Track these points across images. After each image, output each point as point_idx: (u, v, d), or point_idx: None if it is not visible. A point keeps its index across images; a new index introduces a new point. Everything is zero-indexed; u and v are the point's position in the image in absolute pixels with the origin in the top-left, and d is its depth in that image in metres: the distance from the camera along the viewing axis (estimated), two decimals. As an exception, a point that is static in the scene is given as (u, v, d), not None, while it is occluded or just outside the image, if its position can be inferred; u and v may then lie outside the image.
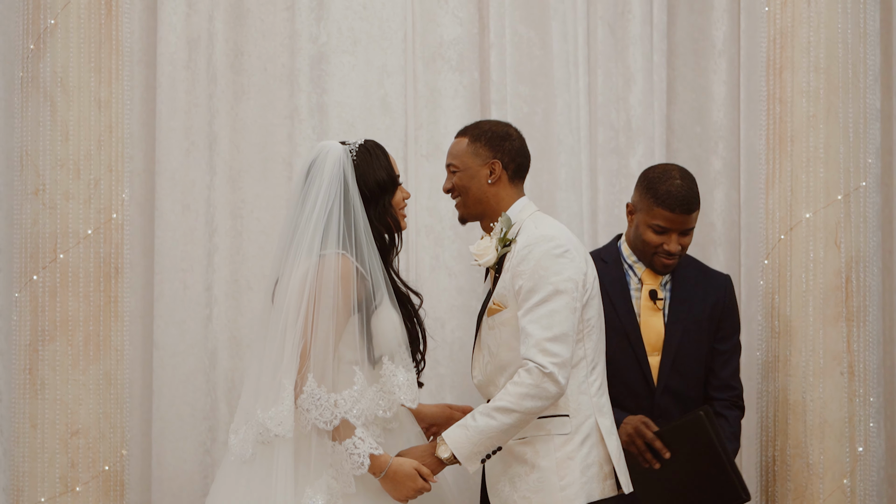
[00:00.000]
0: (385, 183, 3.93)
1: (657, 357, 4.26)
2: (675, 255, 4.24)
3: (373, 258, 3.86)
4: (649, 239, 4.23)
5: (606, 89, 5.26)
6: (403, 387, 3.89)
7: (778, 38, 4.91)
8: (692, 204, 4.21)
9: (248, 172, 5.20)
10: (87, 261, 4.89)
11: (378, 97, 5.22)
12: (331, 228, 3.85)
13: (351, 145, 3.96)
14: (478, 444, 3.77)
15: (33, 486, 4.89)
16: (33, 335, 4.89)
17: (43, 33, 4.88)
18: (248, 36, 5.22)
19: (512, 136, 4.01)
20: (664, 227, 4.21)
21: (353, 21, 5.21)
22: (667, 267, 4.27)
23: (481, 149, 3.96)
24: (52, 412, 4.87)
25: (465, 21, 5.18)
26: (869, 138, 4.85)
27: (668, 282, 4.31)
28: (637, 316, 4.27)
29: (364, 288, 3.84)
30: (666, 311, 4.27)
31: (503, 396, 3.75)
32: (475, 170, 3.96)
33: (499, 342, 3.90)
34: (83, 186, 4.89)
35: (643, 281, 4.28)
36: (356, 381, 3.82)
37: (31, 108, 4.90)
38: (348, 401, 3.79)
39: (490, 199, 3.97)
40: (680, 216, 4.20)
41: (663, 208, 4.19)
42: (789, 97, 4.87)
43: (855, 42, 4.84)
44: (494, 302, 3.88)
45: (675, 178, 4.23)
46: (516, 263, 3.85)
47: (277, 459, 3.83)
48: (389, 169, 3.97)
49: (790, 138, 4.84)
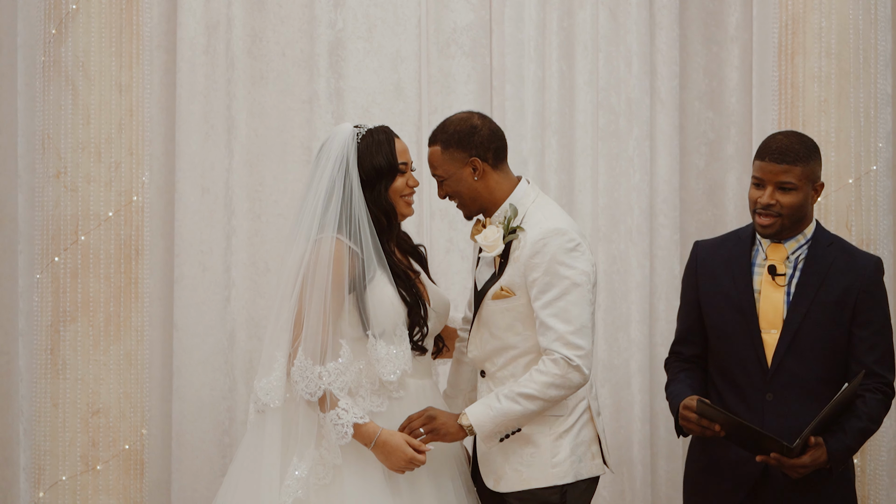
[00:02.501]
0: (382, 169, 3.95)
1: (775, 334, 4.04)
2: (771, 212, 4.00)
3: (367, 238, 3.91)
4: (750, 196, 4.05)
5: (607, 73, 5.27)
6: (383, 360, 3.92)
7: (790, 23, 4.95)
8: (786, 155, 3.96)
9: (266, 156, 5.23)
10: (107, 243, 4.96)
11: (392, 82, 5.25)
12: (330, 208, 3.90)
13: (360, 129, 3.99)
14: (499, 424, 3.86)
15: (54, 464, 4.95)
16: (55, 316, 4.95)
17: (65, 18, 4.93)
18: (267, 21, 5.25)
19: (477, 126, 3.97)
20: (759, 177, 4.00)
21: (368, 7, 5.25)
22: (764, 228, 4.02)
23: (455, 152, 3.94)
24: (73, 392, 4.94)
25: (478, 7, 5.22)
26: (879, 123, 4.90)
27: (801, 259, 4.08)
28: (757, 291, 4.08)
29: (358, 266, 3.90)
30: (792, 288, 4.05)
31: (528, 384, 3.84)
32: (459, 173, 3.95)
33: (503, 325, 3.95)
34: (104, 169, 4.95)
35: (768, 256, 4.09)
36: (341, 355, 3.88)
37: (52, 92, 4.96)
38: (332, 373, 3.85)
39: (483, 193, 3.97)
40: (770, 164, 3.97)
41: (758, 159, 4.01)
42: (801, 82, 4.91)
43: (866, 28, 4.88)
44: (503, 288, 3.91)
45: (780, 134, 4.06)
46: (529, 255, 3.88)
47: (266, 428, 3.92)
48: (391, 156, 3.97)
49: (802, 123, 4.89)
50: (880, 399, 4.02)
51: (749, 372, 4.01)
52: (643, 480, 5.24)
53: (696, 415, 3.90)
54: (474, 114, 4.03)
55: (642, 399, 5.21)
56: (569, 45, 5.26)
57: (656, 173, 5.29)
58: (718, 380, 4.08)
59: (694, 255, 4.22)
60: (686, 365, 4.18)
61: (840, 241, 4.15)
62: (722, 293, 4.08)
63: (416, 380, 4.03)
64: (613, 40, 5.27)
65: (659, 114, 5.30)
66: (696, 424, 3.92)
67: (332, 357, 3.89)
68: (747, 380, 3.99)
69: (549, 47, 5.24)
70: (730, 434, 3.88)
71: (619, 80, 5.28)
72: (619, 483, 5.23)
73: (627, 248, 5.23)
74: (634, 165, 5.24)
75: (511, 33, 5.22)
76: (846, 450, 3.95)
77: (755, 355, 4.03)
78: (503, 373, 3.97)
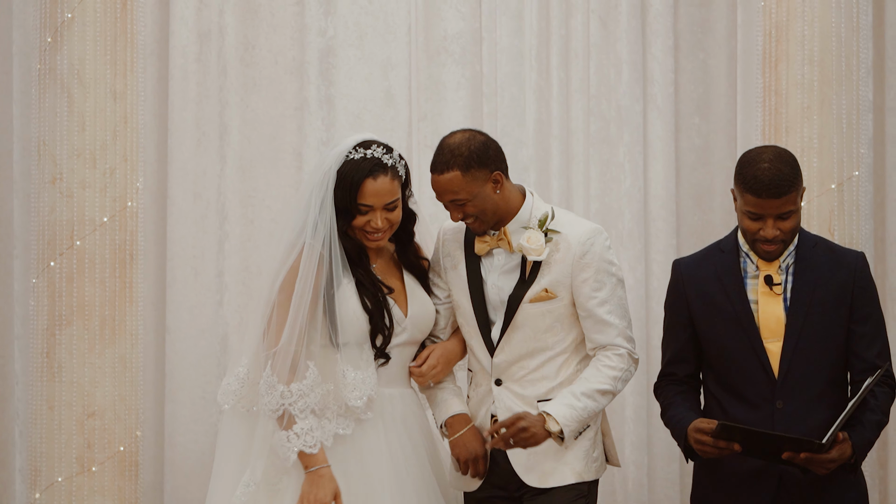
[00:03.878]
0: (344, 208, 3.94)
1: (778, 343, 3.99)
2: (775, 241, 3.95)
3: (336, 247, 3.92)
4: (746, 226, 3.97)
5: (598, 81, 5.29)
6: (349, 385, 3.92)
7: (773, 31, 4.98)
8: (781, 187, 3.87)
9: (258, 162, 5.26)
10: (102, 248, 4.97)
11: (383, 89, 5.29)
12: (309, 217, 3.93)
13: (353, 153, 3.96)
14: (581, 423, 3.94)
15: (50, 466, 4.96)
16: (50, 320, 4.97)
17: (60, 27, 4.96)
18: (259, 30, 5.28)
19: (486, 142, 3.98)
20: (756, 213, 3.92)
21: (359, 15, 5.28)
22: (769, 254, 3.98)
23: (477, 172, 3.92)
24: (68, 394, 4.95)
25: (468, 15, 5.25)
26: (861, 129, 4.93)
27: (790, 265, 4.04)
28: (753, 302, 4.04)
29: (325, 272, 3.92)
30: (787, 295, 4.01)
31: (602, 379, 3.94)
32: (482, 192, 3.93)
33: (543, 327, 3.99)
34: (99, 175, 4.97)
35: (759, 267, 4.04)
36: (307, 376, 3.88)
37: (48, 99, 4.98)
38: (294, 393, 3.85)
39: (502, 205, 3.98)
40: (768, 201, 3.89)
41: (751, 193, 3.90)
42: (784, 89, 4.94)
43: (848, 36, 4.90)
44: (547, 290, 3.96)
45: (762, 162, 3.91)
46: (579, 255, 3.95)
47: (222, 429, 4.04)
48: (346, 199, 3.93)
49: (785, 129, 4.92)
50: (887, 392, 4.04)
51: (756, 383, 3.98)
52: (636, 482, 5.24)
53: (710, 437, 3.84)
54: (470, 131, 4.04)
55: (635, 401, 5.21)
56: (564, 53, 5.29)
57: (651, 179, 5.31)
58: (721, 394, 4.05)
59: (677, 273, 4.17)
60: (680, 388, 4.13)
61: (822, 240, 4.14)
62: (716, 307, 4.04)
63: (388, 389, 4.03)
64: (604, 48, 5.30)
65: (656, 120, 5.32)
66: (712, 447, 3.86)
67: (299, 377, 3.88)
68: (754, 391, 3.96)
69: (542, 55, 5.27)
70: (749, 449, 3.84)
71: (610, 88, 5.30)
72: (609, 483, 5.22)
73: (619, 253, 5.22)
74: (626, 171, 5.27)
75: (502, 41, 5.25)
76: (867, 443, 3.96)
77: (760, 366, 3.99)
78: (535, 375, 4.00)
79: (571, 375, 4.02)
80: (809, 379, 3.97)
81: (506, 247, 4.01)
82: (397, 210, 4.01)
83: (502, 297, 4.02)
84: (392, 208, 3.99)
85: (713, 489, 4.10)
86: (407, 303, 4.06)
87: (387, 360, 4.01)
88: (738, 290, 4.03)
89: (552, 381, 4.01)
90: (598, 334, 3.98)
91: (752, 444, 3.82)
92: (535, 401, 3.99)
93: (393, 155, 4.00)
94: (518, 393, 4.00)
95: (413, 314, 4.05)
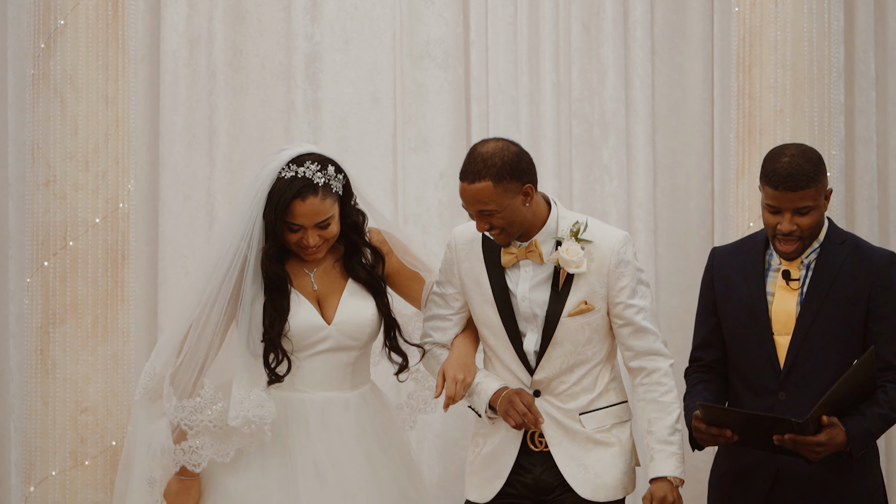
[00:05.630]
0: (273, 227, 3.85)
1: (787, 337, 3.98)
2: (792, 237, 3.93)
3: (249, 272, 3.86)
4: (766, 220, 3.97)
5: (581, 84, 5.35)
6: (233, 403, 3.82)
7: (747, 36, 5.04)
8: (799, 181, 3.86)
9: (246, 164, 5.29)
10: (95, 248, 5.00)
11: (369, 93, 5.34)
12: (239, 223, 3.88)
13: (284, 170, 3.85)
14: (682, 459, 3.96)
15: (45, 460, 4.98)
16: (44, 318, 4.99)
17: (53, 33, 4.99)
18: (247, 35, 5.34)
19: (519, 154, 3.83)
20: (774, 206, 3.91)
21: (345, 21, 5.33)
22: (786, 253, 3.97)
23: (509, 184, 3.76)
24: (62, 391, 4.98)
25: (450, 20, 5.32)
26: (833, 131, 5.00)
27: (812, 262, 4.00)
28: (770, 294, 4.02)
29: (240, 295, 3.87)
30: (804, 290, 3.99)
31: (668, 390, 3.93)
32: (512, 203, 3.78)
33: (583, 340, 3.90)
34: (91, 178, 5.00)
35: (782, 262, 4.03)
36: (201, 394, 3.81)
37: (41, 103, 5.00)
38: (186, 409, 3.81)
39: (529, 217, 3.84)
40: (785, 193, 3.88)
41: (770, 186, 3.90)
42: (758, 92, 5.00)
43: (820, 40, 4.97)
44: (585, 302, 3.86)
45: (784, 156, 3.91)
46: (615, 264, 3.86)
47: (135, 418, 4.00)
48: (279, 221, 3.84)
49: (759, 131, 4.99)
50: None
51: (762, 374, 3.97)
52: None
53: (705, 424, 3.82)
54: (504, 140, 3.87)
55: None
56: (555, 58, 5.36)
57: (631, 180, 5.39)
58: (736, 382, 4.06)
59: (711, 261, 4.17)
60: (705, 376, 4.10)
61: (853, 237, 4.11)
62: (737, 298, 4.04)
63: (311, 393, 3.95)
64: (587, 53, 5.36)
65: (637, 123, 5.39)
66: (706, 434, 3.83)
67: (195, 394, 3.82)
68: (760, 381, 3.94)
69: (524, 59, 5.35)
70: (742, 435, 3.81)
71: (593, 92, 5.37)
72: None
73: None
74: (612, 173, 5.34)
75: (484, 46, 5.33)
76: (866, 433, 3.87)
77: (768, 357, 3.98)
78: (576, 388, 3.91)
79: (607, 384, 3.95)
80: (815, 373, 3.95)
81: (536, 259, 3.88)
82: (331, 226, 3.89)
83: (534, 311, 3.89)
84: (325, 226, 3.88)
85: (722, 476, 4.13)
86: (336, 310, 3.95)
87: (276, 379, 3.89)
88: (759, 282, 4.04)
89: (591, 393, 3.93)
90: (639, 341, 3.91)
91: (743, 429, 3.79)
92: (578, 414, 3.92)
93: (327, 172, 3.86)
94: (559, 407, 3.92)
95: (339, 321, 3.93)
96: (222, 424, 3.83)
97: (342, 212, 3.96)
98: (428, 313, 4.08)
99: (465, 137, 5.36)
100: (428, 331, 4.07)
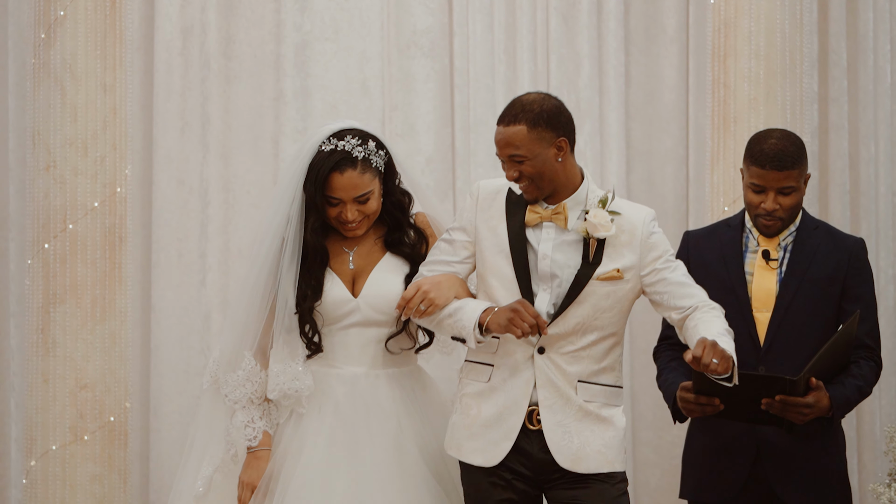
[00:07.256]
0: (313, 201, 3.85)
1: (767, 314, 4.09)
2: (774, 216, 4.06)
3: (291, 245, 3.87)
4: (749, 199, 4.09)
5: (559, 74, 5.38)
6: (271, 376, 3.86)
7: (722, 27, 5.13)
8: (784, 161, 4.00)
9: (238, 150, 5.32)
10: (93, 231, 5.08)
11: (358, 81, 5.36)
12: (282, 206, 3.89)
13: (325, 143, 3.86)
14: None
15: (45, 435, 5.08)
16: (45, 298, 5.07)
17: (53, 24, 5.06)
18: (239, 25, 5.35)
19: (561, 108, 3.80)
20: (759, 185, 4.03)
21: (334, 11, 5.35)
22: (768, 228, 4.09)
23: (544, 132, 3.72)
24: (62, 368, 5.06)
25: (436, 11, 5.35)
26: (805, 120, 5.10)
27: (789, 244, 4.13)
28: (749, 274, 4.12)
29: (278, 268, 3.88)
30: (782, 270, 4.10)
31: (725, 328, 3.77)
32: (544, 154, 3.73)
33: (605, 307, 3.82)
34: (90, 163, 5.08)
35: (760, 243, 4.13)
36: (242, 367, 3.85)
37: (42, 91, 5.08)
38: (230, 384, 3.86)
39: (560, 175, 3.78)
40: (771, 172, 4.01)
41: (756, 165, 4.02)
42: (732, 82, 5.10)
43: (792, 31, 5.07)
44: (619, 270, 3.79)
45: (770, 138, 4.05)
46: (646, 235, 3.82)
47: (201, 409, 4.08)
48: (319, 194, 3.84)
49: (733, 119, 5.09)
50: (872, 366, 4.12)
51: (743, 349, 3.95)
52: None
53: (693, 395, 3.81)
54: (546, 94, 3.84)
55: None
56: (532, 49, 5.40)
57: (607, 168, 5.43)
58: None
59: (685, 244, 4.28)
60: (677, 353, 4.14)
61: (825, 225, 4.25)
62: (715, 278, 4.10)
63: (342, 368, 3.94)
64: (566, 43, 5.40)
65: (611, 112, 5.42)
66: (695, 404, 3.82)
67: (235, 367, 3.87)
68: (740, 356, 3.84)
69: (501, 48, 5.38)
70: (728, 403, 3.79)
71: (570, 81, 5.41)
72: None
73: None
74: (587, 160, 5.36)
75: (466, 36, 5.37)
76: (846, 400, 4.00)
77: (748, 334, 4.07)
78: (583, 353, 3.79)
79: (612, 363, 3.86)
80: (793, 349, 4.06)
81: (560, 223, 3.80)
82: (371, 201, 3.87)
83: (554, 271, 3.79)
84: (364, 200, 3.86)
85: (701, 452, 4.20)
86: (365, 284, 3.93)
87: (317, 350, 3.91)
88: (737, 263, 4.15)
89: (595, 363, 3.83)
90: (687, 298, 3.81)
91: (730, 398, 3.76)
92: (577, 380, 3.81)
93: (367, 146, 3.86)
94: (561, 367, 3.79)
95: (366, 294, 3.91)
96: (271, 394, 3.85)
97: (385, 189, 3.94)
98: (430, 258, 3.96)
99: (449, 125, 5.40)
100: (425, 274, 3.93)
